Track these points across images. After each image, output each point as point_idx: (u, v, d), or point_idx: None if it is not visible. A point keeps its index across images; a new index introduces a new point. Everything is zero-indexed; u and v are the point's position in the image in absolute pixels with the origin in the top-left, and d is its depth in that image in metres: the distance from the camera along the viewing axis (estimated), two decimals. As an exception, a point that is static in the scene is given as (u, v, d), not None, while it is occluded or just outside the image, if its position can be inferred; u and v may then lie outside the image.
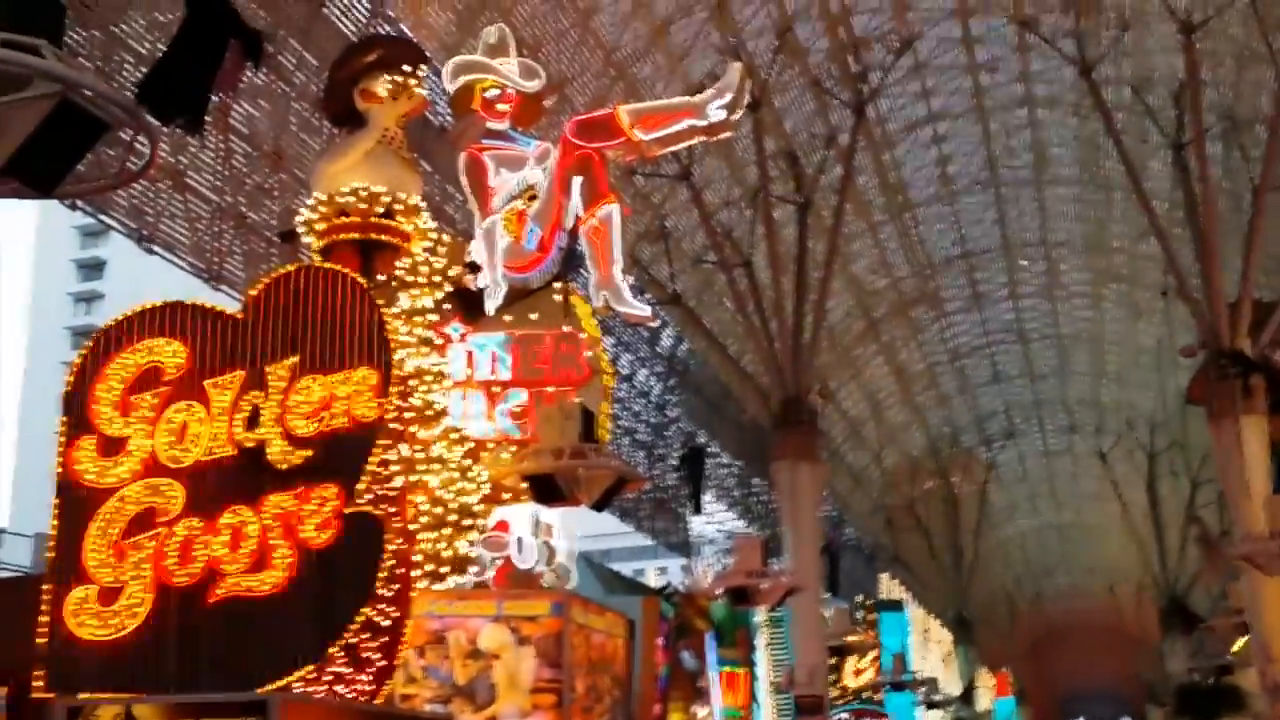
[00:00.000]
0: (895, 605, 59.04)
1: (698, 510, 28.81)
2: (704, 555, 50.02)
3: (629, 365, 39.02)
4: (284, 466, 17.01)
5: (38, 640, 15.63)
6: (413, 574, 18.21)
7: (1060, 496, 67.13)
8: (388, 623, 18.00)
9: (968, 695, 63.33)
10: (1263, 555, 24.38)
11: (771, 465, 34.59)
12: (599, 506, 19.27)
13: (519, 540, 23.95)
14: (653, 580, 51.93)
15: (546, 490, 18.47)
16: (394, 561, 17.86)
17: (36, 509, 25.82)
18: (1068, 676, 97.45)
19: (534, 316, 23.40)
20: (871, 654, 50.94)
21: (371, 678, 17.88)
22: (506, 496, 21.20)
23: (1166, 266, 31.57)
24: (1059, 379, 55.66)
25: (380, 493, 17.71)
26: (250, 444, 17.14)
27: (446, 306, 21.80)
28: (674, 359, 41.18)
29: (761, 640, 43.73)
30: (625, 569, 48.13)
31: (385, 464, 17.72)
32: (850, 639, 46.01)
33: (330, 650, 16.93)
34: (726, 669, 38.47)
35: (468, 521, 19.09)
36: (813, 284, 34.36)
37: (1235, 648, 43.36)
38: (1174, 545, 57.80)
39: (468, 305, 22.85)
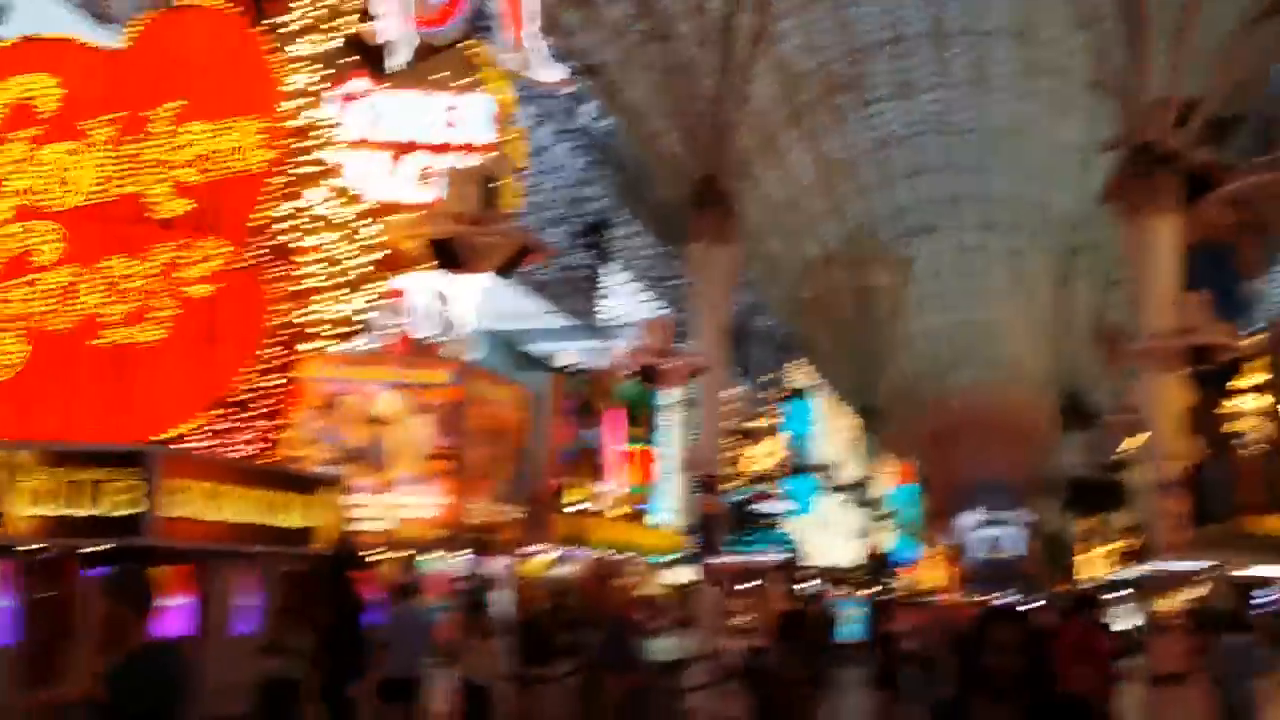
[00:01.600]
0: (804, 392, 60.12)
1: (594, 285, 28.46)
2: (619, 338, 50.17)
3: (547, 138, 38.00)
4: (166, 216, 16.29)
5: (-98, 384, 15.11)
6: (302, 335, 17.76)
7: (973, 292, 67.92)
8: (276, 383, 17.62)
9: (868, 482, 65.32)
10: (1165, 352, 24.76)
11: (687, 246, 34.24)
12: (501, 274, 18.80)
13: (418, 308, 23.55)
14: (567, 361, 52.14)
15: (445, 256, 17.92)
16: (282, 321, 17.40)
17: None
18: (967, 467, 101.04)
19: (439, 76, 22.43)
20: (776, 439, 52.03)
21: (258, 437, 17.62)
22: (405, 262, 20.62)
23: (1096, 60, 30.95)
24: (980, 174, 55.47)
25: (268, 249, 17.09)
26: (131, 190, 16.34)
27: (347, 59, 20.71)
28: (593, 134, 40.18)
29: (670, 420, 44.33)
30: (542, 351, 48.08)
31: (273, 220, 17.03)
32: (755, 423, 46.83)
33: (213, 407, 16.60)
34: (631, 447, 39.03)
35: (360, 284, 18.52)
36: (738, 62, 33.32)
37: (1128, 445, 44.87)
38: (1079, 344, 59.03)
39: (371, 60, 21.74)
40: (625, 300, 50.64)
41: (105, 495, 14.19)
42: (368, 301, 19.93)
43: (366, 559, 20.85)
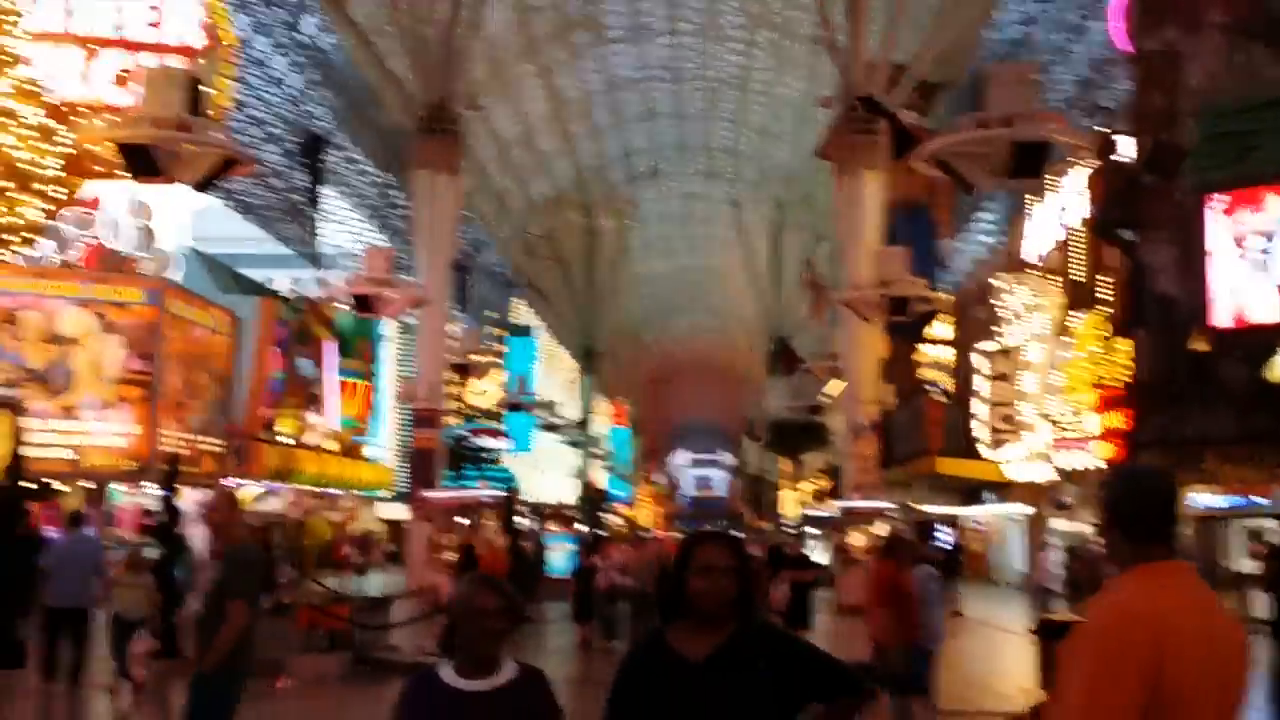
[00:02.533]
0: (524, 330, 60.01)
1: (312, 201, 27.08)
2: (337, 268, 48.47)
3: (265, 50, 35.96)
4: None
5: None
6: (-27, 240, 16.15)
7: (693, 240, 69.32)
8: (-60, 292, 15.99)
9: (584, 422, 66.03)
10: (864, 302, 25.74)
11: (410, 174, 33.22)
12: (201, 186, 17.52)
13: (114, 220, 21.84)
14: (285, 291, 50.07)
15: (143, 163, 16.51)
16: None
17: None
18: (679, 409, 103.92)
19: (146, -31, 20.72)
20: (496, 375, 51.77)
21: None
22: (98, 169, 19.05)
23: (818, 18, 31.75)
24: (704, 123, 56.37)
25: (-65, 142, 15.37)
26: None
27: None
28: (316, 49, 38.32)
29: (388, 353, 43.29)
30: (257, 277, 45.97)
31: (-58, 110, 15.31)
32: (476, 358, 46.37)
33: None
34: (346, 379, 37.87)
35: (43, 187, 16.99)
36: (471, -13, 32.40)
37: (828, 390, 46.98)
38: (789, 293, 61.22)
39: (65, -54, 19.87)
40: (344, 229, 49.02)
41: None
42: (54, 208, 18.33)
43: (45, 488, 19.30)
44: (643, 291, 74.56)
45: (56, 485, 19.86)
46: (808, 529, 54.38)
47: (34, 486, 18.04)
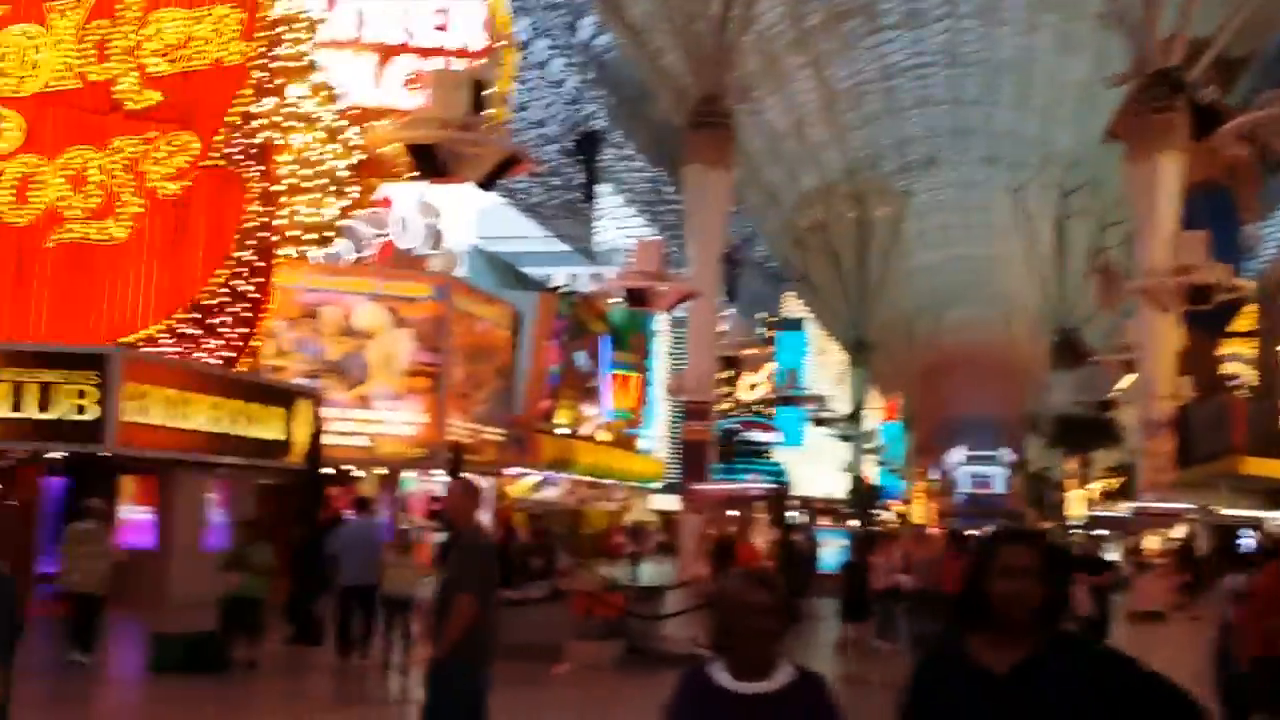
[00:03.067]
0: (795, 324, 59.54)
1: (588, 198, 27.51)
2: (611, 263, 49.46)
3: (543, 53, 36.99)
4: (134, 107, 15.60)
5: None
6: (278, 239, 17.14)
7: (971, 228, 67.06)
8: (248, 288, 17.03)
9: (856, 415, 65.00)
10: (1161, 290, 24.21)
11: (682, 168, 33.45)
12: (485, 185, 18.09)
13: (403, 219, 22.89)
14: (561, 286, 51.63)
15: (428, 162, 17.20)
16: (256, 223, 16.77)
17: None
18: (956, 404, 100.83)
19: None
20: (767, 368, 51.59)
21: (230, 344, 17.06)
22: (388, 169, 19.92)
23: (1108, -7, 30.02)
24: (984, 108, 54.43)
25: (242, 147, 16.43)
26: (97, 78, 15.62)
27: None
28: (591, 50, 39.14)
29: (660, 346, 43.83)
30: (536, 273, 47.45)
31: (248, 116, 16.34)
32: (746, 351, 46.34)
33: (181, 310, 16.03)
34: (620, 372, 38.53)
35: (341, 189, 17.87)
36: (744, -20, 32.30)
37: (1120, 384, 44.47)
38: (1074, 282, 58.37)
39: (359, -42, 20.90)
40: (618, 224, 49.85)
41: (60, 398, 13.65)
42: (348, 208, 19.32)
43: (343, 474, 20.41)
44: (916, 282, 72.74)
45: (353, 471, 20.96)
46: (1096, 530, 51.70)
47: (333, 472, 19.08)
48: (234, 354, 16.63)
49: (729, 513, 25.47)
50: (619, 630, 13.69)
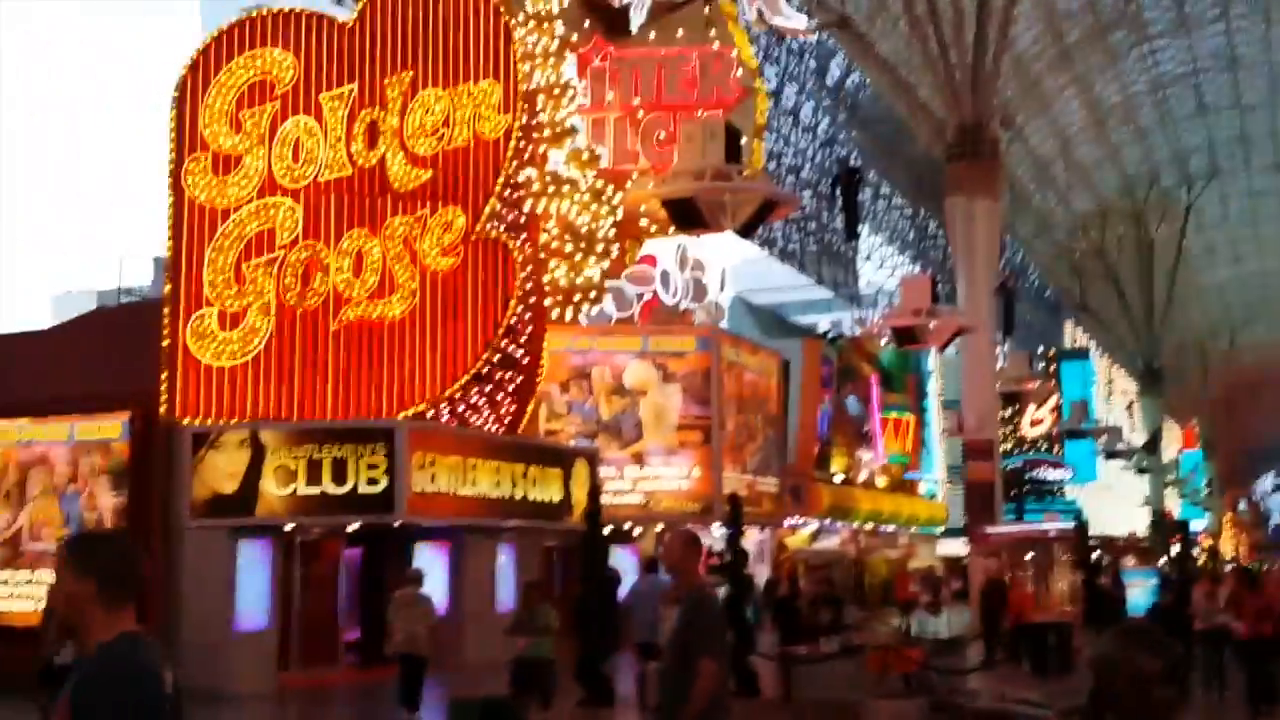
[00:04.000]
0: (1079, 354, 56.59)
1: (851, 236, 26.75)
2: (874, 306, 48.45)
3: (794, 98, 36.75)
4: (405, 188, 16.14)
5: (160, 365, 15.46)
6: (544, 304, 17.37)
7: (1264, 240, 62.47)
8: (521, 353, 17.30)
9: (1152, 446, 61.15)
10: None
11: (945, 201, 32.39)
12: (744, 233, 17.79)
13: (665, 274, 22.89)
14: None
15: (687, 215, 17.04)
16: (525, 290, 17.04)
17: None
18: (1261, 429, 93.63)
19: (680, 34, 21.65)
20: (1050, 402, 49.16)
21: (507, 410, 17.35)
22: (649, 225, 19.97)
23: None
24: (1270, 110, 50.72)
25: (508, 217, 16.76)
26: (369, 164, 16.26)
27: (584, 25, 20.19)
28: (842, 90, 38.65)
29: (934, 386, 42.45)
30: (796, 319, 46.94)
31: (512, 186, 16.69)
32: (1027, 386, 44.27)
33: (460, 380, 16.39)
34: (893, 415, 37.43)
35: (604, 250, 17.98)
36: (998, 4, 31.18)
37: None
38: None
39: (607, 23, 21.17)
40: (880, 265, 48.88)
41: (354, 472, 14.12)
42: (611, 268, 19.46)
43: (622, 532, 20.44)
44: (1207, 301, 68.32)
45: (631, 529, 20.96)
46: None
47: (615, 532, 19.07)
48: (511, 419, 16.88)
49: (1026, 556, 24.09)
50: (920, 686, 12.95)
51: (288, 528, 14.92)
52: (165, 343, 15.40)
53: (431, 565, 17.21)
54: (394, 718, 12.14)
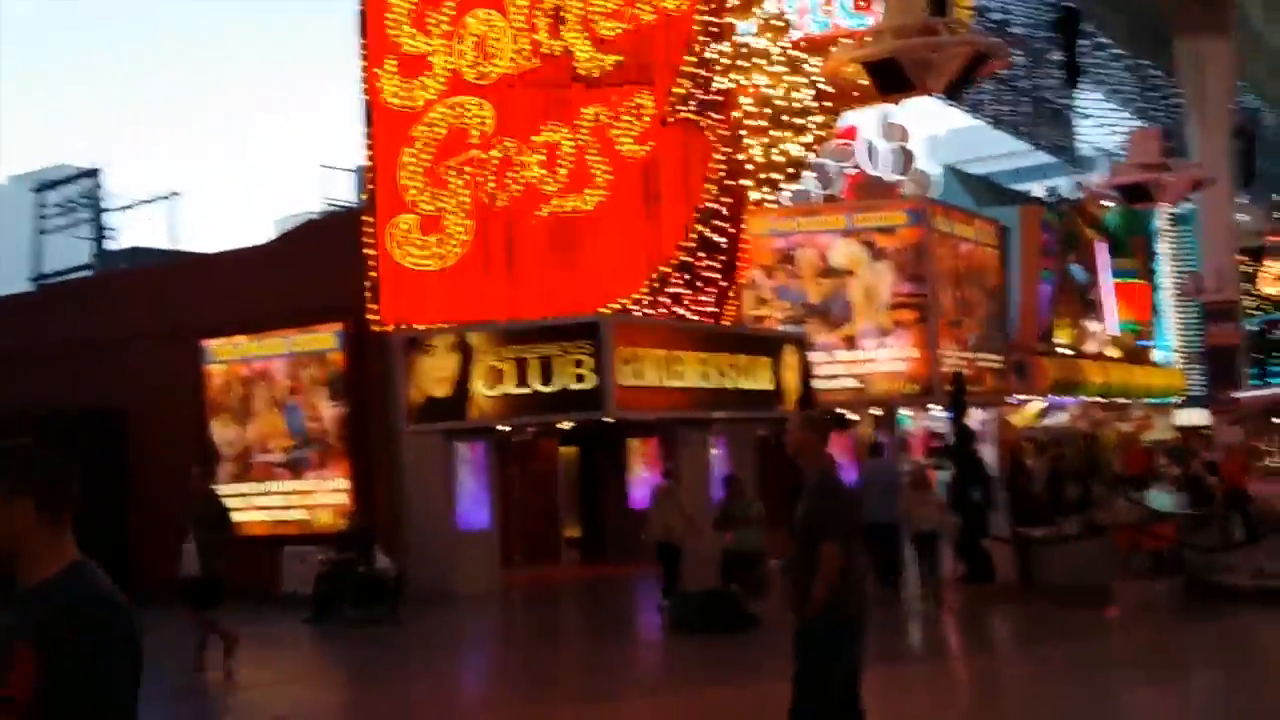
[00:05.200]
0: (1324, 202, 52.28)
1: (1072, 81, 24.74)
2: (1095, 168, 45.66)
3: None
4: (592, 74, 15.61)
5: (367, 274, 15.48)
6: (743, 185, 16.68)
7: None
8: (723, 239, 16.72)
9: None
10: None
11: (1172, 44, 29.93)
12: (953, 92, 16.67)
13: (869, 146, 21.78)
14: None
15: (891, 78, 15.98)
16: (724, 172, 16.39)
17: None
18: None
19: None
20: (1295, 256, 45.57)
21: (712, 298, 16.84)
22: (849, 94, 18.89)
23: None
24: None
25: (701, 96, 16.06)
26: (555, 52, 15.77)
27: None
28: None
29: (1163, 247, 39.89)
30: (1012, 185, 44.61)
31: (703, 63, 15.94)
32: (1269, 240, 41.11)
33: (661, 269, 15.95)
34: (1122, 280, 35.31)
35: (800, 121, 17.09)
36: None
37: None
38: None
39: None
40: (1100, 124, 46.00)
41: (560, 370, 13.90)
42: (813, 142, 18.56)
43: (839, 418, 19.80)
44: None
45: (846, 414, 20.29)
46: None
47: (831, 418, 18.48)
48: (715, 308, 16.37)
49: (1274, 421, 22.36)
50: (1173, 564, 12.00)
51: (501, 428, 14.87)
52: (369, 251, 15.40)
53: (647, 460, 17.04)
54: (645, 605, 12.29)
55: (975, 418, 22.55)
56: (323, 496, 15.63)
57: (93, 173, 33.67)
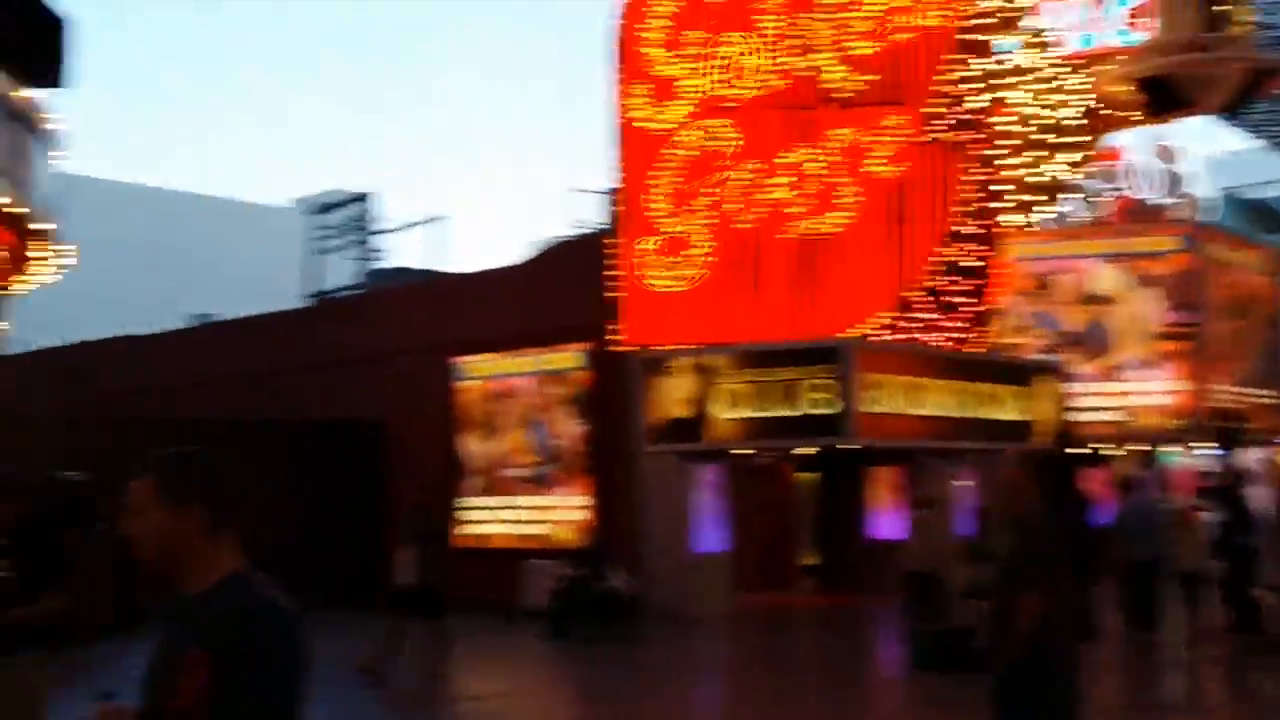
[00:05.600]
0: None
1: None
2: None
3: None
4: (843, 94, 15.38)
5: (611, 295, 15.66)
6: (999, 207, 16.04)
7: None
8: (975, 263, 16.12)
9: None
10: None
11: None
12: (1230, 111, 15.64)
13: (1138, 167, 20.64)
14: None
15: (1162, 97, 15.19)
16: (976, 194, 15.82)
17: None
18: None
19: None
20: None
21: (961, 324, 16.28)
22: (1117, 114, 17.95)
23: None
24: None
25: (956, 116, 15.57)
26: (804, 72, 15.60)
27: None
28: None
29: None
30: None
31: (959, 81, 15.45)
32: None
33: (907, 294, 15.51)
34: None
35: (1063, 141, 16.31)
36: None
37: None
38: None
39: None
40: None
41: (803, 394, 13.68)
42: (1075, 163, 17.70)
43: (1094, 453, 18.79)
44: None
45: (1104, 449, 19.25)
46: None
47: (1083, 451, 17.55)
48: (964, 334, 15.82)
49: None
50: None
51: (738, 452, 14.76)
52: (614, 272, 15.59)
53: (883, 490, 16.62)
54: (884, 636, 12.12)
55: (1247, 457, 21.05)
56: (564, 513, 15.91)
57: (362, 197, 35.65)
